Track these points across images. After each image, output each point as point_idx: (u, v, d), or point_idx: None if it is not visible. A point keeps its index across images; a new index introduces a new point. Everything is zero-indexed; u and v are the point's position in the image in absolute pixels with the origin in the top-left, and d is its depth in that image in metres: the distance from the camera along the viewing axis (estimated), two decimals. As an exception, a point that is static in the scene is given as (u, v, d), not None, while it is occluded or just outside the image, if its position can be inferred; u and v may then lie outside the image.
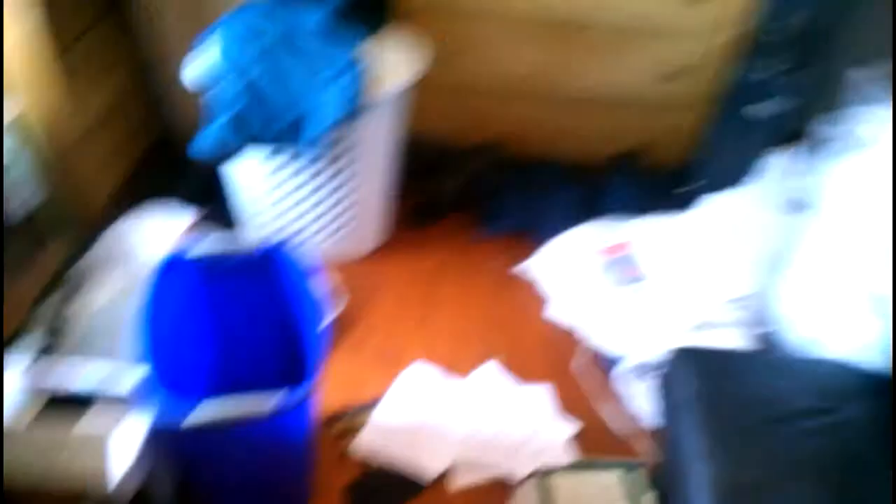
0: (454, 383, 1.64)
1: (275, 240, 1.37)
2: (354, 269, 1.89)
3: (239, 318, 1.43)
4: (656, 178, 2.04)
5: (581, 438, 1.55)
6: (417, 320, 1.79)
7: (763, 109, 1.76)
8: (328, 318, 1.70)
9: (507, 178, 2.08)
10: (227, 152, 1.54)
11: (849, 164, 1.42)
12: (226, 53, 1.52)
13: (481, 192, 2.06)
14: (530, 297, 1.86)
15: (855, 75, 1.40)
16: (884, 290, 1.27)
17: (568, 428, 1.56)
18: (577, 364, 1.70)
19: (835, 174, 1.45)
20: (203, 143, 1.52)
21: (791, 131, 1.67)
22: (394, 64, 1.63)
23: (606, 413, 1.60)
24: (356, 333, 1.74)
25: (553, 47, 1.94)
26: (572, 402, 1.62)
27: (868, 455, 1.19)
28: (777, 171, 1.67)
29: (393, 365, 1.66)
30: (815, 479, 1.15)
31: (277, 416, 1.07)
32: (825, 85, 1.76)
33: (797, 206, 1.56)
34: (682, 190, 1.90)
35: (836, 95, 1.45)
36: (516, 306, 1.85)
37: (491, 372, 1.66)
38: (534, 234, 1.96)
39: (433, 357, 1.69)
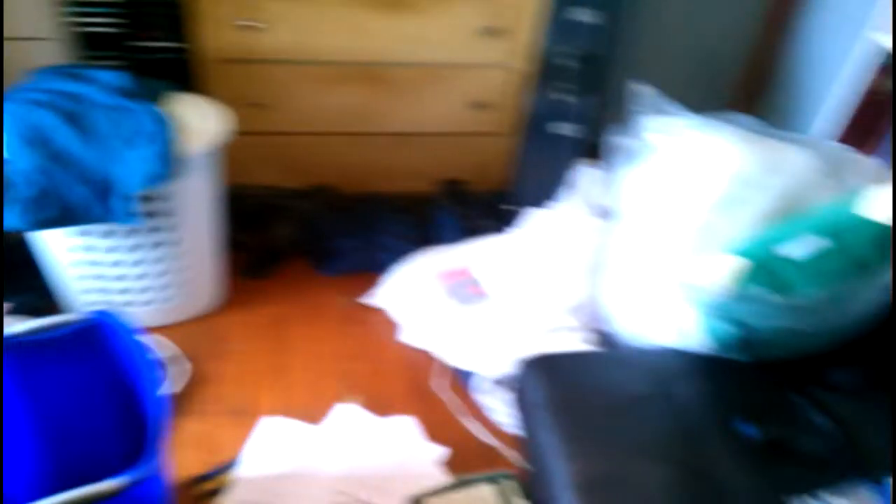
0: (315, 429, 1.60)
1: (99, 314, 1.26)
2: (195, 330, 1.80)
3: (67, 406, 1.30)
4: (482, 201, 2.14)
5: (452, 458, 1.57)
6: (269, 371, 1.73)
7: (564, 128, 1.92)
8: (170, 385, 1.61)
9: (340, 218, 2.09)
10: (35, 228, 1.42)
11: (640, 170, 1.58)
12: (14, 127, 1.40)
13: (316, 234, 2.05)
14: (382, 327, 1.87)
15: (635, 89, 1.58)
16: (690, 279, 1.41)
17: (437, 451, 1.57)
18: (436, 384, 1.72)
19: (630, 180, 1.61)
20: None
21: (591, 145, 1.85)
22: (201, 120, 1.59)
23: (472, 428, 1.63)
24: (207, 394, 1.66)
25: (362, 88, 1.98)
26: (439, 422, 1.64)
27: (701, 427, 1.29)
28: (584, 182, 1.84)
29: (250, 420, 1.60)
30: (659, 457, 1.23)
31: (123, 499, 0.99)
32: (611, 100, 1.96)
33: (604, 212, 1.73)
34: (506, 209, 2.01)
35: (622, 109, 1.60)
36: (370, 338, 1.85)
37: (351, 411, 1.64)
38: (374, 269, 1.98)
39: (292, 404, 1.65)
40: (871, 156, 1.81)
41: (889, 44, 1.66)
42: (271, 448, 1.55)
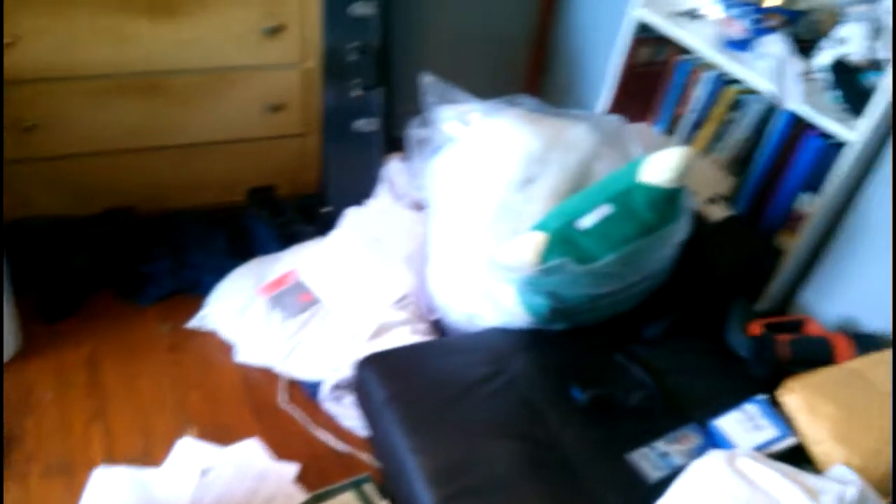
0: (156, 471, 1.49)
1: None
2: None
3: None
4: (296, 206, 2.07)
5: (311, 473, 1.54)
6: (90, 417, 1.59)
7: (364, 123, 1.91)
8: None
9: (145, 242, 1.94)
10: None
11: (442, 159, 1.62)
12: None
13: (120, 262, 1.88)
14: (214, 350, 1.78)
15: (424, 81, 1.61)
16: (498, 258, 1.47)
17: (290, 469, 1.54)
18: (282, 400, 1.68)
19: (435, 169, 1.64)
20: None
21: (394, 137, 1.87)
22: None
23: (326, 438, 1.61)
24: (22, 453, 1.49)
25: (143, 100, 1.84)
26: (291, 439, 1.60)
27: (538, 400, 1.37)
28: (395, 175, 1.85)
29: (79, 475, 1.45)
30: (504, 435, 1.29)
31: None
32: (406, 92, 1.98)
33: (418, 203, 1.76)
34: (322, 210, 1.97)
35: (417, 101, 1.63)
36: (201, 364, 1.75)
37: (192, 445, 1.55)
38: (194, 290, 1.87)
39: (124, 450, 1.53)
40: (645, 122, 2.03)
41: (648, 18, 1.83)
42: (110, 501, 1.43)
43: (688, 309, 1.60)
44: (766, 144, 1.65)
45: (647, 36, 1.90)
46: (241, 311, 1.79)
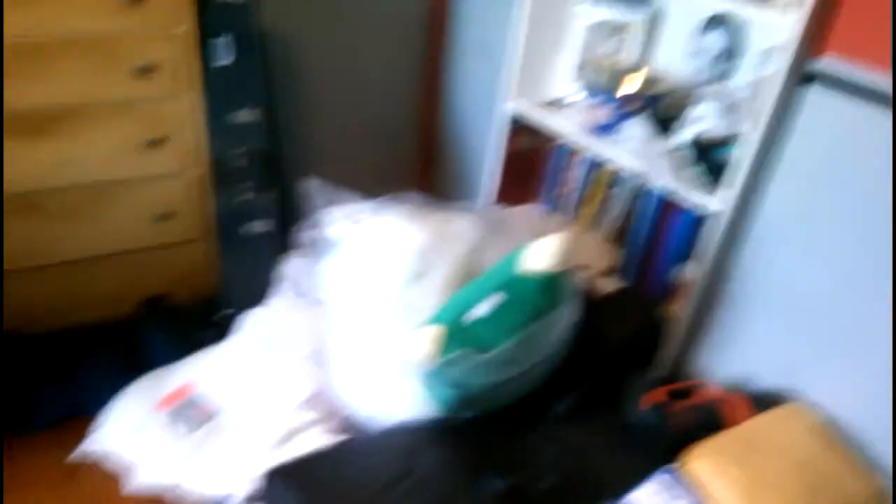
0: None
1: None
2: None
3: None
4: (192, 314, 1.96)
5: None
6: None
7: (256, 226, 1.86)
8: None
9: (30, 364, 1.76)
10: None
11: (335, 258, 1.58)
12: None
13: (6, 387, 1.70)
14: (105, 480, 1.60)
15: (309, 184, 1.59)
16: (398, 354, 1.43)
17: None
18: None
19: (329, 269, 1.60)
20: None
21: (287, 239, 1.83)
22: None
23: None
24: None
25: (27, 220, 1.71)
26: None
27: (450, 493, 1.31)
28: (292, 275, 1.79)
29: None
30: None
31: None
32: (296, 194, 1.98)
33: (316, 301, 1.70)
34: (219, 317, 1.88)
35: (306, 202, 1.60)
36: (95, 495, 1.59)
37: None
38: (85, 413, 1.69)
39: None
40: (531, 204, 2.06)
41: (520, 110, 1.89)
42: None
43: (592, 382, 1.59)
44: (642, 218, 1.69)
45: (521, 125, 1.94)
46: (137, 431, 1.63)
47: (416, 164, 2.72)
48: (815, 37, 1.28)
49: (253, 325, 1.79)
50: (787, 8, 1.28)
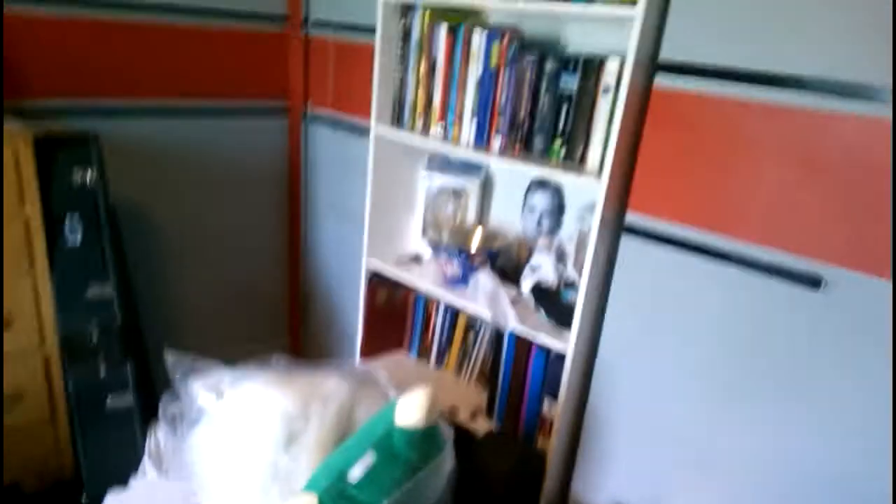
0: None
1: None
2: None
3: None
4: (47, 500, 1.77)
5: None
6: None
7: (119, 401, 1.76)
8: None
9: None
10: None
11: (203, 430, 1.52)
12: None
13: None
14: None
15: (169, 358, 1.54)
16: None
17: None
18: None
19: (197, 440, 1.52)
20: None
21: (151, 412, 1.74)
22: None
23: None
24: None
25: None
26: None
27: None
28: (160, 447, 1.69)
29: None
30: None
31: None
32: (152, 370, 1.93)
33: (186, 475, 1.60)
34: (81, 500, 1.71)
35: (164, 378, 1.55)
36: None
37: None
38: None
39: None
40: (401, 351, 2.12)
41: (379, 266, 1.99)
42: None
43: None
44: (504, 360, 1.77)
45: (382, 280, 2.02)
46: None
47: (286, 322, 2.73)
48: (622, 196, 1.49)
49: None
50: (594, 174, 1.49)
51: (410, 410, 1.41)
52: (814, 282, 1.26)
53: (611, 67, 1.45)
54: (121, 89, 2.06)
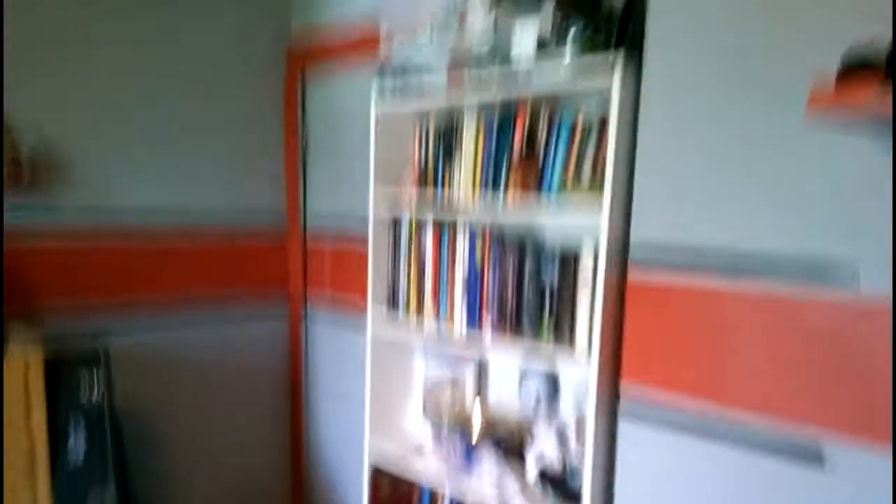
0: None
1: None
2: None
3: None
4: None
5: None
6: None
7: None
8: None
9: None
10: None
11: None
12: None
13: None
14: None
15: None
16: None
17: None
18: None
19: None
20: None
21: None
22: None
23: None
24: None
25: None
26: None
27: None
28: None
29: None
30: None
31: None
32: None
33: None
34: None
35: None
36: None
37: None
38: None
39: None
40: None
41: (381, 463, 1.91)
42: None
43: None
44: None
45: (384, 472, 1.93)
46: None
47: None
48: (614, 375, 1.46)
49: None
50: (584, 356, 1.46)
51: None
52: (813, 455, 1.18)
53: (586, 262, 1.49)
54: (126, 304, 2.14)
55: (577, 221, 1.58)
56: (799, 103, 1.14)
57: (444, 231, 1.78)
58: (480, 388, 1.92)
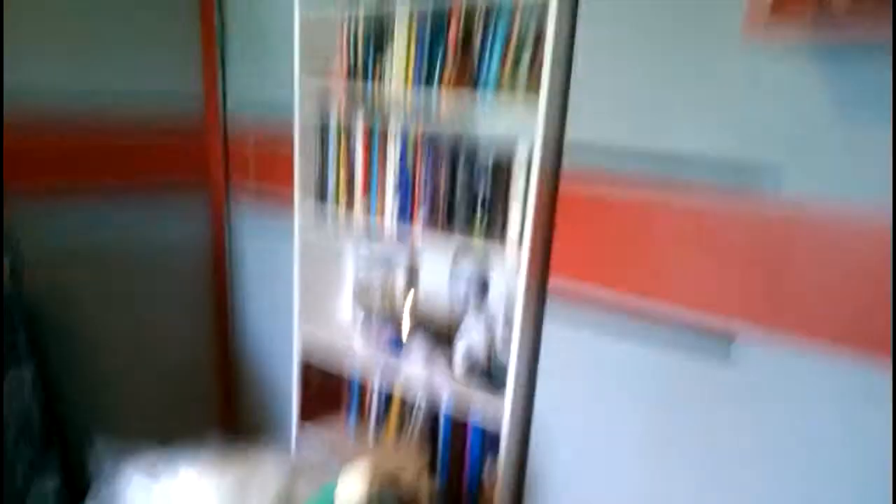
0: None
1: None
2: None
3: None
4: None
5: None
6: None
7: (40, 491, 1.66)
8: None
9: None
10: None
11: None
12: None
13: None
14: None
15: (96, 447, 1.49)
16: None
17: None
18: None
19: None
20: None
21: (80, 500, 1.66)
22: None
23: None
24: None
25: None
26: None
27: None
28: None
29: None
30: None
31: None
32: (79, 458, 1.84)
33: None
34: None
35: (91, 465, 1.50)
36: None
37: None
38: None
39: None
40: (339, 423, 2.10)
41: (306, 337, 1.99)
42: None
43: None
44: (443, 425, 1.80)
45: (315, 350, 2.01)
46: None
47: (217, 400, 2.66)
48: (543, 263, 1.56)
49: None
50: (514, 244, 1.56)
51: (351, 487, 1.41)
52: (724, 339, 1.34)
53: (519, 173, 1.53)
54: (34, 190, 2.02)
55: (511, 125, 1.64)
56: (736, 19, 1.22)
57: (375, 137, 1.77)
58: (411, 271, 1.99)
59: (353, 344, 1.94)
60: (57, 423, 1.82)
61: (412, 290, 1.96)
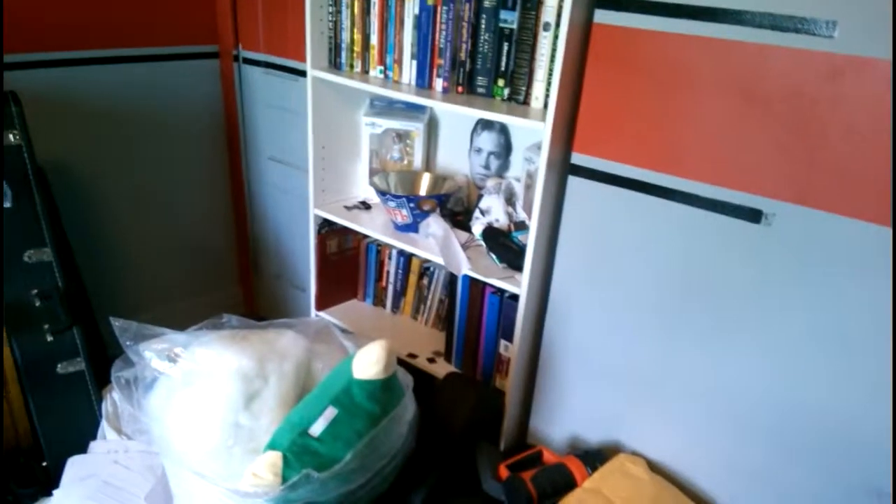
0: None
1: None
2: None
3: None
4: (9, 467, 1.72)
5: None
6: None
7: (70, 366, 1.70)
8: None
9: None
10: None
11: (160, 393, 1.48)
12: None
13: None
14: None
15: (116, 325, 1.49)
16: (240, 486, 1.35)
17: None
18: None
19: (154, 404, 1.49)
20: None
21: (101, 379, 1.70)
22: None
23: None
24: None
25: None
26: None
27: None
28: (118, 408, 1.66)
29: None
30: None
31: None
32: (101, 334, 1.87)
33: (148, 440, 1.58)
34: (42, 466, 1.68)
35: (114, 342, 1.50)
36: None
37: None
38: None
39: None
40: (356, 299, 2.09)
41: (326, 215, 1.93)
42: None
43: (443, 466, 1.61)
44: (459, 304, 1.76)
45: (332, 228, 1.97)
46: None
47: (236, 275, 2.65)
48: (567, 136, 1.44)
49: (79, 473, 1.62)
50: (539, 114, 1.44)
51: (368, 363, 1.40)
52: (755, 215, 1.26)
53: (550, 1, 1.37)
54: (37, 41, 1.88)
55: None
56: None
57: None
58: (429, 145, 1.88)
59: (369, 221, 1.88)
60: (78, 303, 1.82)
61: (429, 164, 1.87)
